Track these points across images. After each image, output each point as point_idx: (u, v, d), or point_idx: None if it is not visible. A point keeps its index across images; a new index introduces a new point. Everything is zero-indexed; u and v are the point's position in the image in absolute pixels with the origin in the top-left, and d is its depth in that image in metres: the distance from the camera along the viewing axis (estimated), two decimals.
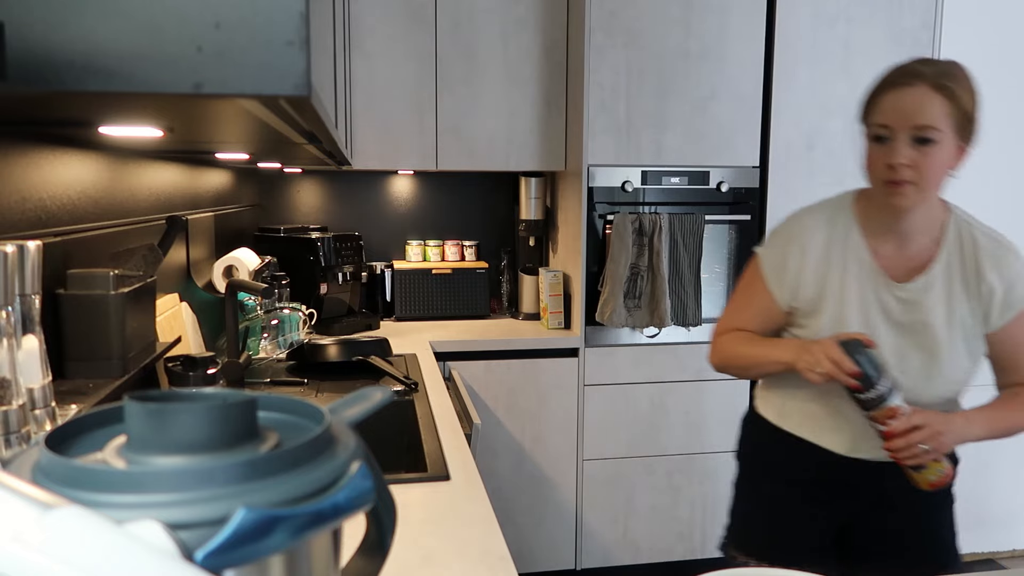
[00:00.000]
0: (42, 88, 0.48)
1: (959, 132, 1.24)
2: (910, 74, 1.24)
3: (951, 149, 1.24)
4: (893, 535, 1.44)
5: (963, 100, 1.23)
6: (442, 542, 1.13)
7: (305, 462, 0.45)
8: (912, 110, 1.23)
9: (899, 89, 1.25)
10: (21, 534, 0.35)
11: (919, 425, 1.25)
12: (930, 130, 1.22)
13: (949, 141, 1.23)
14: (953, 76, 1.24)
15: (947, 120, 1.22)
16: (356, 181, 3.24)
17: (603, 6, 2.62)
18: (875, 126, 1.28)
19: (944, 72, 1.24)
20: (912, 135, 1.23)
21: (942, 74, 1.23)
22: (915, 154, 1.23)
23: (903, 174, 1.24)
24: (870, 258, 1.35)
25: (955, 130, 1.23)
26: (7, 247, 0.79)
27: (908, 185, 1.24)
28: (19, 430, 0.80)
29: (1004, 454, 3.06)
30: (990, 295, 1.32)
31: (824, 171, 2.81)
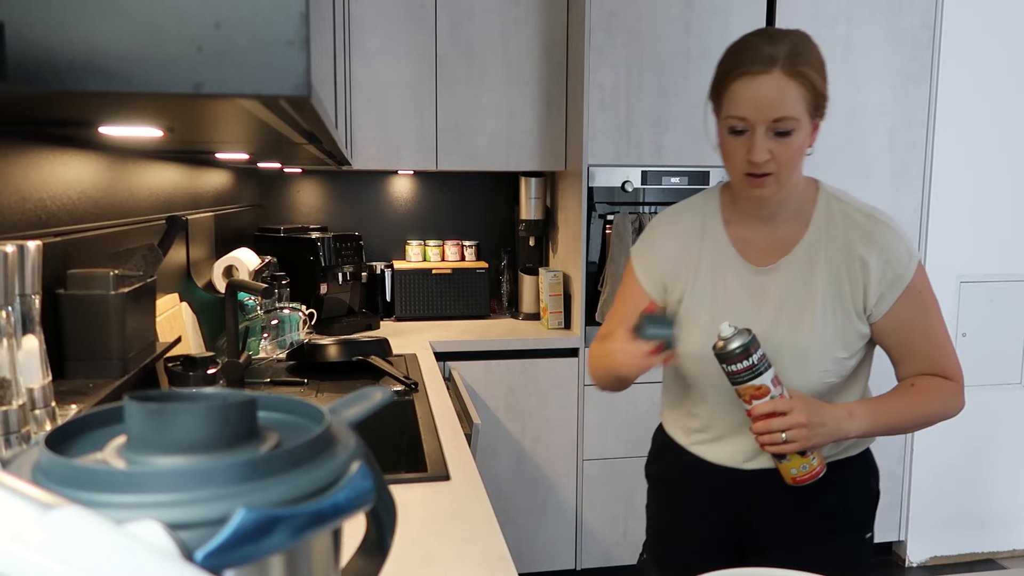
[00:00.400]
0: (42, 88, 0.48)
1: (814, 113, 1.17)
2: (763, 60, 1.14)
3: (808, 131, 1.18)
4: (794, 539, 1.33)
5: (816, 80, 1.15)
6: (442, 542, 1.13)
7: (305, 462, 0.45)
8: (769, 103, 1.14)
9: (753, 78, 1.14)
10: (21, 534, 0.35)
11: (783, 411, 1.15)
12: (789, 121, 1.15)
13: (806, 125, 1.17)
14: (804, 55, 1.15)
15: (803, 105, 1.15)
16: (356, 181, 3.24)
17: (603, 6, 2.62)
18: (731, 118, 1.18)
19: (796, 53, 1.14)
20: (771, 128, 1.15)
21: (794, 56, 1.14)
22: (774, 146, 1.16)
23: (764, 167, 1.17)
24: (730, 245, 1.30)
25: (810, 112, 1.17)
26: (7, 247, 0.79)
27: (769, 177, 1.18)
28: (19, 430, 0.80)
29: (1004, 454, 3.06)
30: (865, 275, 1.22)
31: (824, 171, 2.79)
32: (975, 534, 3.09)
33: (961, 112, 2.86)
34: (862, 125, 2.81)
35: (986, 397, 3.02)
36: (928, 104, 2.84)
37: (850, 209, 1.26)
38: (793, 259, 1.26)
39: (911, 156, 2.86)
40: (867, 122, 2.81)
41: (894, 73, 2.80)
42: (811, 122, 1.18)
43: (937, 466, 3.01)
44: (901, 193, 2.87)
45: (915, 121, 2.84)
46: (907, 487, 3.01)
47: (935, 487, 3.02)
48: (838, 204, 1.27)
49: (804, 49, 1.16)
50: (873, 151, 2.83)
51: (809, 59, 1.15)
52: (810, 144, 1.20)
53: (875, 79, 2.79)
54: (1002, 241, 2.96)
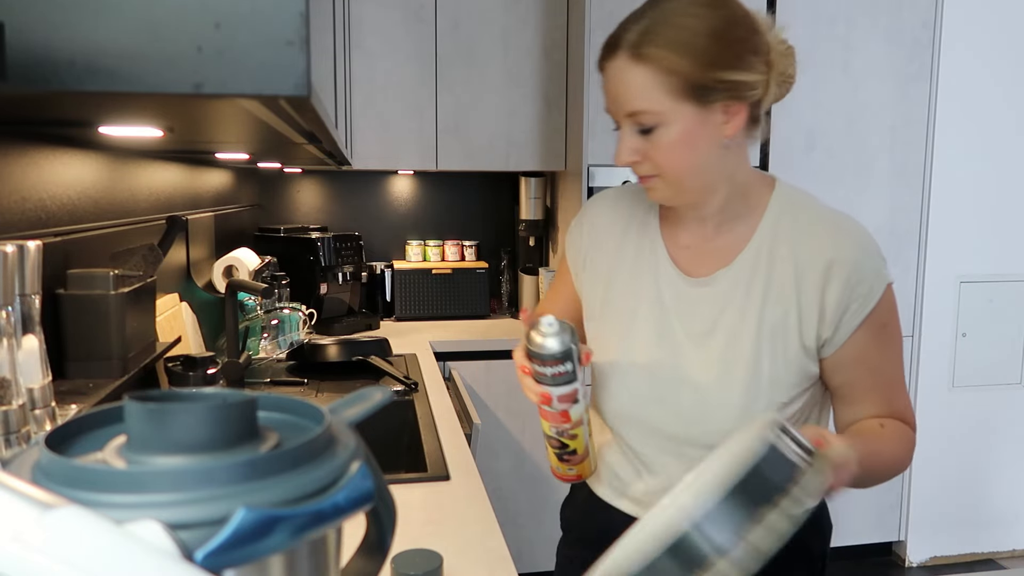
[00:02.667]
0: (42, 88, 0.48)
1: (693, 98, 0.91)
2: (610, 43, 0.94)
3: (699, 123, 0.92)
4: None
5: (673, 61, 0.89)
6: (442, 542, 1.13)
7: (305, 462, 0.45)
8: (618, 94, 0.94)
9: (605, 64, 0.95)
10: (21, 534, 0.35)
11: None
12: (646, 115, 0.92)
13: (682, 115, 0.91)
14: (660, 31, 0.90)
15: (661, 94, 0.90)
16: (356, 181, 3.24)
17: (603, 6, 2.62)
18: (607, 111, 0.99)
19: (648, 30, 0.90)
20: (632, 124, 0.94)
21: (645, 34, 0.90)
22: (642, 144, 0.94)
23: (639, 169, 0.97)
24: (661, 246, 1.07)
25: (685, 98, 0.91)
26: (7, 247, 0.79)
27: (653, 179, 0.97)
28: (19, 430, 0.80)
29: (1004, 454, 3.06)
30: (822, 299, 0.97)
31: (824, 171, 2.81)
32: (975, 534, 3.09)
33: (961, 112, 2.86)
34: (862, 125, 2.81)
35: (986, 397, 3.02)
36: (928, 104, 2.84)
37: (810, 215, 1.01)
38: (731, 272, 1.01)
39: (911, 156, 2.86)
40: (867, 122, 2.81)
41: (894, 73, 2.80)
42: (696, 111, 0.91)
43: (937, 466, 3.01)
44: (901, 193, 2.87)
45: (915, 121, 2.84)
46: (907, 487, 3.01)
47: (935, 487, 3.02)
48: (794, 209, 1.02)
49: (664, 21, 0.91)
50: (873, 151, 2.83)
51: (667, 35, 0.90)
52: (727, 135, 0.94)
53: (875, 79, 2.79)
54: (1002, 241, 2.96)
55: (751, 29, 0.93)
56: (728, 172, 0.99)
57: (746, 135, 0.98)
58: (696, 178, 0.97)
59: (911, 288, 2.92)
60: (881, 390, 1.02)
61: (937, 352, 2.96)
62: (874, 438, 0.99)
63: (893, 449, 1.00)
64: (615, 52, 0.93)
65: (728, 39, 0.91)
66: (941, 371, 2.97)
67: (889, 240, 2.88)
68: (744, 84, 0.92)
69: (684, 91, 0.90)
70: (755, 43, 0.93)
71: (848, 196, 2.83)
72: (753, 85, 0.93)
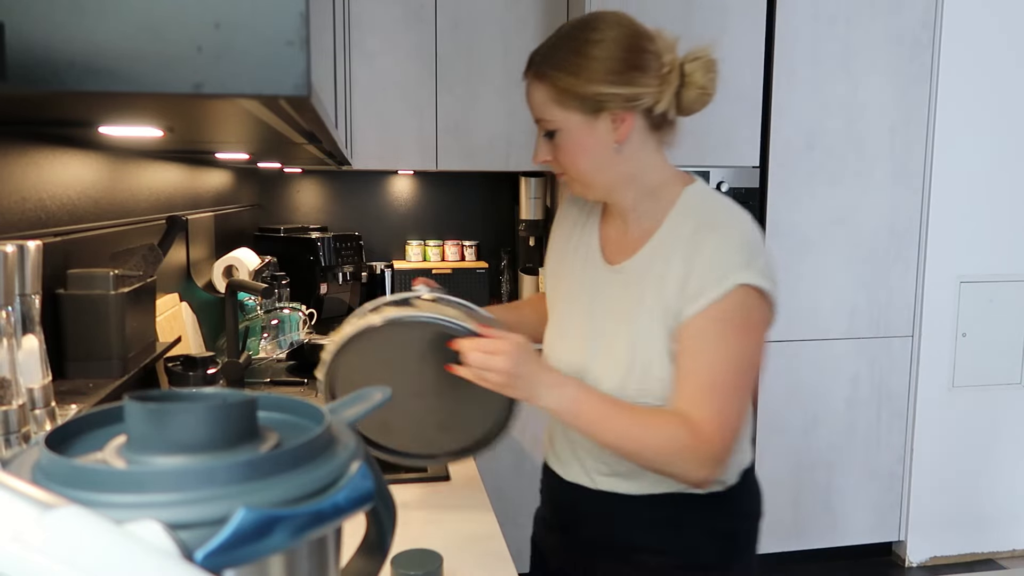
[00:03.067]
0: (42, 88, 0.48)
1: (581, 109, 1.06)
2: (527, 63, 1.11)
3: (587, 130, 1.06)
4: None
5: (561, 79, 1.05)
6: (442, 542, 1.13)
7: (305, 462, 0.45)
8: (530, 105, 1.11)
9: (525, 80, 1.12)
10: (21, 534, 0.35)
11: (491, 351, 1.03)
12: (546, 123, 1.09)
13: (573, 123, 1.06)
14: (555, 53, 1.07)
15: (555, 105, 1.07)
16: (356, 181, 3.24)
17: (603, 6, 2.61)
18: None
19: (547, 52, 1.08)
20: (541, 128, 1.11)
21: (544, 55, 1.08)
22: (550, 146, 1.10)
23: (552, 167, 1.13)
24: (596, 238, 1.20)
25: (575, 109, 1.06)
26: (7, 247, 0.79)
27: (563, 175, 1.13)
28: (19, 430, 0.80)
29: (1004, 454, 3.06)
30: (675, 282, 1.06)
31: (824, 171, 2.81)
32: (975, 534, 3.09)
33: (961, 112, 2.86)
34: (862, 125, 2.81)
35: (986, 397, 3.02)
36: (928, 104, 2.84)
37: (703, 218, 1.09)
38: (634, 263, 1.13)
39: (911, 156, 2.86)
40: (867, 122, 2.81)
41: (894, 73, 2.80)
42: (589, 120, 1.06)
43: (937, 466, 3.01)
44: (901, 193, 2.87)
45: (915, 121, 2.84)
46: (907, 487, 3.01)
47: (935, 487, 3.02)
48: (694, 211, 1.11)
49: (560, 43, 1.08)
50: (873, 151, 2.83)
51: (556, 57, 1.07)
52: (618, 140, 1.07)
53: (875, 79, 2.79)
54: (1002, 241, 2.96)
55: (639, 48, 1.06)
56: (630, 172, 1.11)
57: (651, 139, 1.11)
58: (595, 176, 1.11)
59: (911, 288, 2.92)
60: (690, 386, 1.03)
61: (937, 352, 2.96)
62: (620, 406, 1.05)
63: (642, 430, 1.02)
64: (527, 71, 1.10)
65: (611, 59, 1.04)
66: (941, 371, 2.97)
67: (889, 240, 2.88)
68: (629, 97, 1.05)
69: (573, 103, 1.06)
70: (643, 60, 1.06)
71: (848, 196, 2.83)
72: (639, 97, 1.06)
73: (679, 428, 1.01)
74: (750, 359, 1.04)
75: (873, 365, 2.93)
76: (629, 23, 1.08)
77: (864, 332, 2.91)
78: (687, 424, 1.01)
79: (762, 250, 1.06)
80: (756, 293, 1.03)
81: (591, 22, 1.08)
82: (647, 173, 1.12)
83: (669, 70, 1.07)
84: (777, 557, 2.98)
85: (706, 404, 1.02)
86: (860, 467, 2.97)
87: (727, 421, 1.02)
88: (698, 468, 1.01)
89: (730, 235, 1.05)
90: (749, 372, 1.04)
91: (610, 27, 1.06)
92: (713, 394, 1.02)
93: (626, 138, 1.08)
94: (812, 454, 2.93)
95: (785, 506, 2.93)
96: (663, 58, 1.07)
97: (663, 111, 1.09)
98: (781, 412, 2.89)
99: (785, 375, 2.87)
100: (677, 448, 1.01)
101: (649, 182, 1.13)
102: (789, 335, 2.85)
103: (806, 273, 2.84)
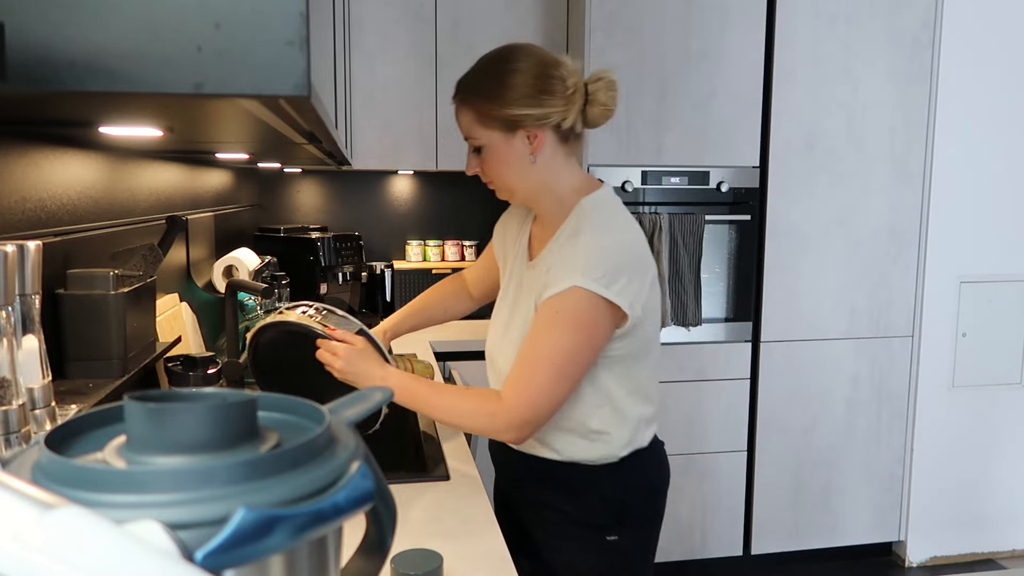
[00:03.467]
0: (42, 88, 0.48)
1: (502, 129, 1.24)
2: (455, 88, 1.29)
3: (507, 146, 1.25)
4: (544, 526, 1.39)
5: (482, 104, 1.24)
6: (442, 542, 1.13)
7: (305, 462, 0.45)
8: (459, 126, 1.30)
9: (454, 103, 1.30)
10: (21, 534, 0.35)
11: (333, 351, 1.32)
12: (474, 140, 1.28)
13: (497, 140, 1.25)
14: (474, 82, 1.26)
15: (478, 126, 1.26)
16: (356, 181, 3.24)
17: (603, 6, 2.62)
18: None
19: (467, 82, 1.27)
20: (470, 145, 1.30)
21: (465, 85, 1.27)
22: (478, 160, 1.29)
23: (482, 178, 1.32)
24: (527, 236, 1.40)
25: (495, 128, 1.25)
26: (7, 247, 0.79)
27: (492, 184, 1.32)
28: (19, 430, 0.80)
29: (1004, 454, 3.06)
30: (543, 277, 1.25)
31: (824, 171, 2.81)
32: (975, 534, 3.09)
33: (961, 112, 2.86)
34: (862, 125, 2.81)
35: (986, 397, 3.02)
36: (928, 104, 2.84)
37: (585, 221, 1.26)
38: (538, 260, 1.32)
39: (911, 156, 2.86)
40: (867, 122, 2.81)
41: (894, 73, 2.80)
42: (507, 137, 1.25)
43: (937, 466, 3.01)
44: (901, 193, 2.87)
45: (915, 121, 2.84)
46: (907, 487, 3.01)
47: (935, 487, 3.02)
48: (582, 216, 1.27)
49: (480, 72, 1.27)
50: (873, 151, 2.83)
51: (478, 85, 1.26)
52: (533, 153, 1.26)
53: (875, 79, 2.79)
54: (1002, 241, 2.96)
55: (547, 75, 1.24)
56: (544, 181, 1.29)
57: (560, 151, 1.29)
58: (516, 184, 1.29)
59: (911, 288, 2.92)
60: (519, 364, 1.23)
61: (937, 352, 2.96)
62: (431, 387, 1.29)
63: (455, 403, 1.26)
64: (455, 97, 1.29)
65: (524, 84, 1.22)
66: (941, 371, 2.97)
67: (889, 240, 2.88)
68: (539, 116, 1.23)
69: (494, 124, 1.24)
70: (551, 84, 1.24)
71: (848, 196, 2.83)
72: (548, 116, 1.24)
73: (486, 399, 1.24)
74: (571, 352, 1.20)
75: (873, 365, 2.93)
76: (539, 53, 1.26)
77: (864, 332, 2.91)
78: (495, 396, 1.23)
79: (617, 263, 1.20)
80: (592, 296, 1.18)
81: (507, 55, 1.26)
82: (559, 180, 1.30)
83: (573, 91, 1.25)
84: (777, 557, 2.98)
85: (517, 378, 1.22)
86: (860, 467, 2.97)
87: (531, 396, 1.20)
88: (504, 430, 1.22)
89: (587, 243, 1.22)
90: (569, 363, 1.20)
91: (523, 59, 1.24)
92: (524, 371, 1.21)
93: (540, 151, 1.26)
94: (812, 454, 2.93)
95: (785, 506, 2.93)
96: (568, 81, 1.25)
97: (570, 126, 1.27)
98: (781, 412, 2.89)
99: (785, 375, 2.87)
100: (483, 413, 1.23)
101: (559, 189, 1.30)
102: (789, 335, 2.85)
103: (806, 273, 2.84)
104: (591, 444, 1.30)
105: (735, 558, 2.95)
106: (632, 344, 1.26)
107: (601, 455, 1.30)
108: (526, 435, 1.23)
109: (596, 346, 1.22)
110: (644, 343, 1.28)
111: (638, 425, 1.32)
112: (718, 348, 2.82)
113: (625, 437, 1.30)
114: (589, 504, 1.33)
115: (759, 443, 2.88)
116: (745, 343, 2.85)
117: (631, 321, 1.22)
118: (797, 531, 2.96)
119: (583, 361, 1.22)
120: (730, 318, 2.84)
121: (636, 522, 1.35)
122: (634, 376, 1.29)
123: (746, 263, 2.83)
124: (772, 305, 2.83)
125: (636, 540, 1.36)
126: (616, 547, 1.34)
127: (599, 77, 1.28)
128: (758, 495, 2.91)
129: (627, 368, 1.28)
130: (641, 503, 1.36)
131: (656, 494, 1.39)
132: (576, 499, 1.33)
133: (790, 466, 2.92)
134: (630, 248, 1.25)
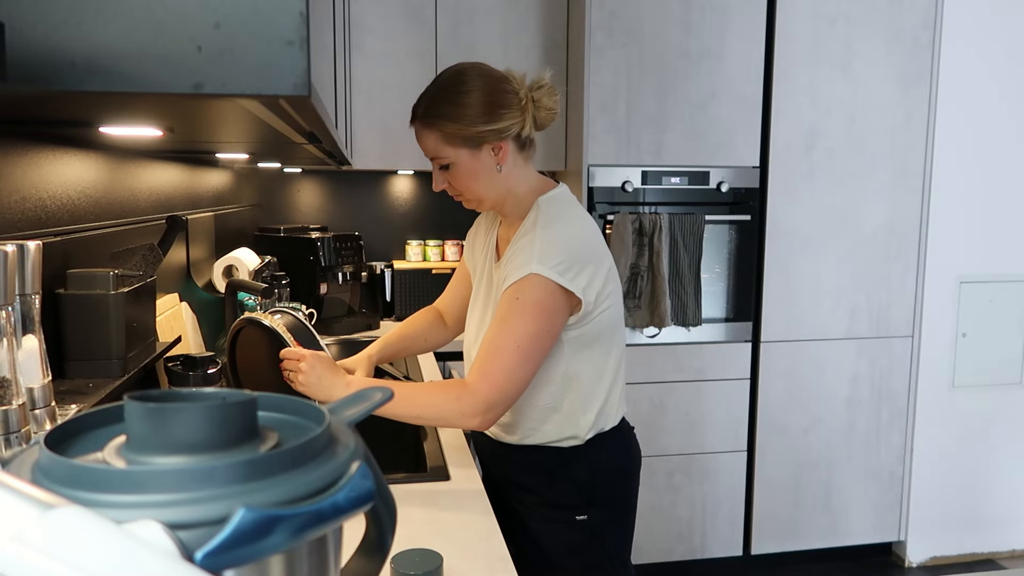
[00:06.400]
0: (42, 88, 0.48)
1: (467, 145, 1.31)
2: (412, 112, 1.34)
3: (474, 160, 1.32)
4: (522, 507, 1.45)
5: (446, 125, 1.30)
6: (442, 542, 1.13)
7: (305, 462, 0.45)
8: (423, 147, 1.35)
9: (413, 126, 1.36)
10: (21, 534, 0.35)
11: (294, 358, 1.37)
12: (440, 159, 1.34)
13: (461, 157, 1.32)
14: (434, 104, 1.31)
15: (444, 145, 1.31)
16: (356, 181, 3.24)
17: (603, 6, 2.62)
18: None
19: (427, 104, 1.32)
20: (436, 164, 1.36)
21: (426, 107, 1.32)
22: (445, 176, 1.36)
23: (450, 192, 1.38)
24: (495, 238, 1.48)
25: (461, 146, 1.31)
26: (7, 247, 0.79)
27: (460, 197, 1.39)
28: (19, 430, 0.80)
29: (1004, 454, 3.06)
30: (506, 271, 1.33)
31: (824, 171, 2.81)
32: (975, 534, 3.09)
33: (961, 112, 2.86)
34: (862, 125, 2.81)
35: (986, 397, 3.02)
36: (928, 104, 2.84)
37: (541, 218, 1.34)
38: (503, 259, 1.38)
39: (911, 156, 2.86)
40: (867, 122, 2.81)
41: (894, 73, 2.80)
42: (472, 152, 1.32)
43: (937, 466, 3.01)
44: (901, 193, 2.87)
45: (915, 121, 2.84)
46: (907, 487, 3.01)
47: (935, 487, 3.02)
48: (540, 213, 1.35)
49: (438, 96, 1.31)
50: (873, 151, 2.83)
51: (439, 106, 1.30)
52: (498, 163, 1.34)
53: (875, 79, 2.79)
54: (1002, 241, 2.96)
55: (500, 91, 1.31)
56: (508, 187, 1.38)
57: (520, 157, 1.38)
58: (485, 194, 1.37)
59: (911, 288, 2.92)
60: (483, 350, 1.27)
61: (937, 352, 2.96)
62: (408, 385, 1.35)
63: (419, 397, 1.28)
64: (413, 119, 1.34)
65: (481, 103, 1.29)
66: (941, 371, 2.97)
67: (889, 240, 2.88)
68: (501, 130, 1.31)
69: (459, 142, 1.31)
70: (505, 99, 1.32)
71: (848, 196, 2.83)
72: (508, 128, 1.32)
73: (450, 386, 1.28)
74: (534, 335, 1.25)
75: (873, 365, 2.93)
76: (488, 72, 1.33)
77: (864, 332, 2.91)
78: (459, 382, 1.27)
79: (570, 253, 1.28)
80: (549, 283, 1.25)
81: (458, 77, 1.32)
82: (520, 185, 1.39)
83: (525, 101, 1.33)
84: (777, 557, 2.99)
85: (482, 363, 1.26)
86: (860, 467, 2.97)
87: (494, 381, 1.24)
88: (472, 415, 1.25)
89: (542, 236, 1.29)
90: (532, 346, 1.25)
91: (474, 79, 1.31)
92: (489, 355, 1.26)
93: (504, 160, 1.34)
94: (812, 454, 2.93)
95: (785, 506, 2.93)
96: (519, 93, 1.33)
97: (528, 134, 1.36)
98: (781, 412, 2.89)
99: (785, 375, 2.87)
100: (449, 399, 1.25)
101: (520, 192, 1.39)
102: (789, 335, 2.85)
103: (806, 273, 2.84)
104: (556, 427, 1.37)
105: (735, 558, 2.95)
106: (590, 329, 1.33)
107: (566, 436, 1.37)
108: (491, 420, 1.26)
109: (555, 331, 1.29)
110: (603, 328, 1.35)
111: (602, 408, 1.38)
112: (718, 348, 2.82)
113: (590, 420, 1.37)
114: (558, 485, 1.39)
115: (759, 443, 2.88)
116: (745, 343, 2.85)
117: (584, 308, 1.29)
118: (797, 531, 2.96)
119: (544, 345, 1.28)
120: (730, 318, 2.84)
121: (604, 503, 1.40)
122: (596, 360, 1.36)
123: (746, 263, 2.83)
124: (772, 305, 2.83)
125: (606, 521, 1.41)
126: (585, 526, 1.39)
127: (540, 84, 1.36)
128: (758, 495, 2.91)
129: (590, 353, 1.35)
130: (609, 484, 1.41)
131: (625, 476, 1.45)
132: (545, 480, 1.39)
133: (790, 466, 2.92)
134: (583, 239, 1.33)
